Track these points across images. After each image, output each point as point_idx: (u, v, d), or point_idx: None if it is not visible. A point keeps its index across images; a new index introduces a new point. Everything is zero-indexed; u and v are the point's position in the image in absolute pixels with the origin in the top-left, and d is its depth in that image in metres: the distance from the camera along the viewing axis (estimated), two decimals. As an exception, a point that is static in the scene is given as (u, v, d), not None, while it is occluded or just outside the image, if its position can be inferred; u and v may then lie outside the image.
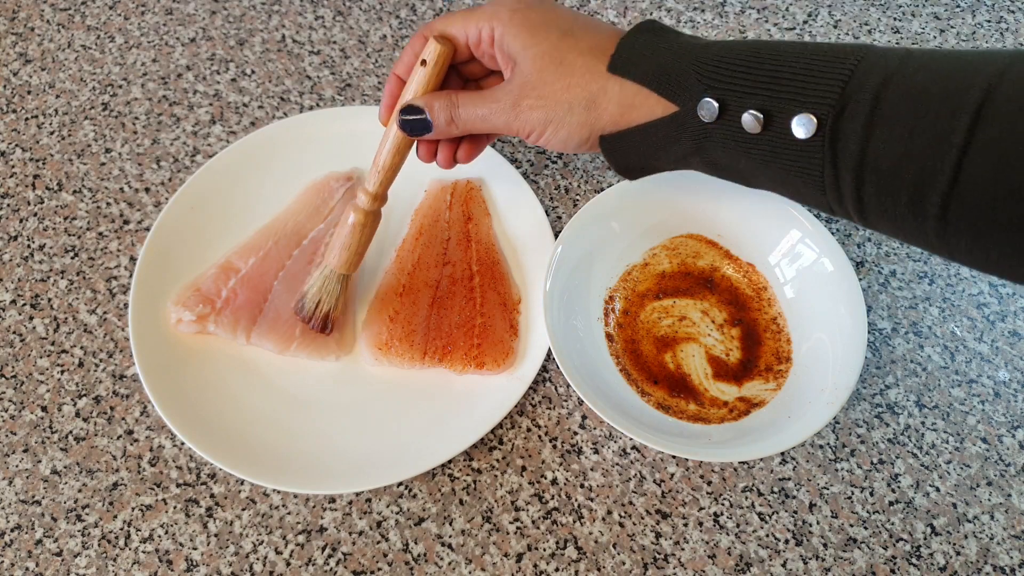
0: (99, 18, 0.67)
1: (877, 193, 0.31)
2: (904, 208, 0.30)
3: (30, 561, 0.45)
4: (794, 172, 0.34)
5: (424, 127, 0.43)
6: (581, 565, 0.45)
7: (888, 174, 0.30)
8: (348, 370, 0.51)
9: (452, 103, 0.42)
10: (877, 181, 0.31)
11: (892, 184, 0.30)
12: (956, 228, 0.29)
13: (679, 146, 0.38)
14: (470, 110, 0.42)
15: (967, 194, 0.28)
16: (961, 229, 0.29)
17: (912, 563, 0.46)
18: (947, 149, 0.28)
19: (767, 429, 0.46)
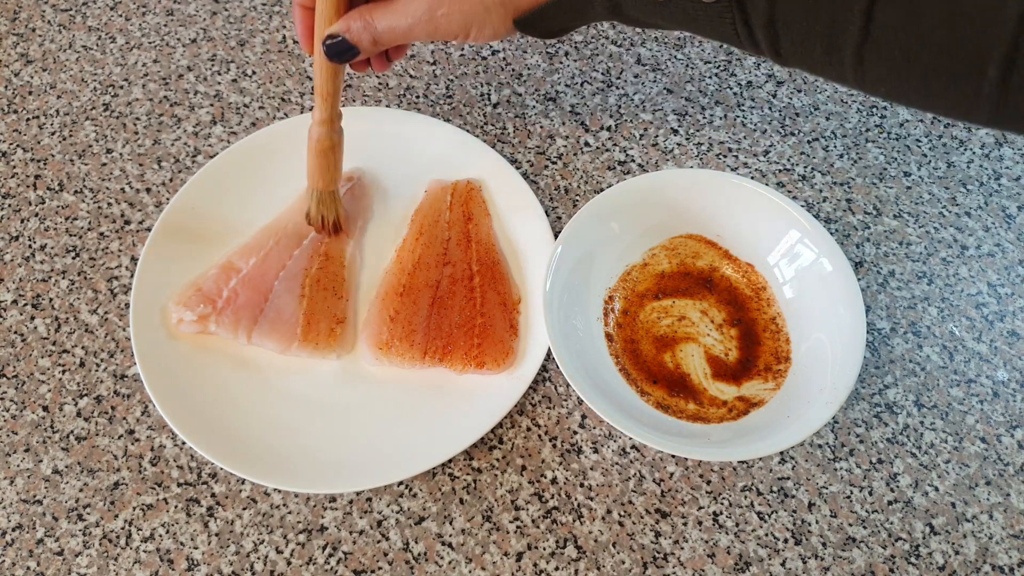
0: (100, 19, 0.67)
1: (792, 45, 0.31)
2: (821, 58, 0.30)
3: (31, 560, 0.46)
4: (710, 30, 0.34)
5: (350, 51, 0.43)
6: (581, 564, 0.46)
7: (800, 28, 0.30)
8: (348, 370, 0.51)
9: (368, 23, 0.42)
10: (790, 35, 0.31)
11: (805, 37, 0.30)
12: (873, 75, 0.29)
13: (594, 11, 0.38)
14: (389, 25, 0.41)
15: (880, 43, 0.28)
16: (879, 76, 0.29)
17: (911, 562, 0.46)
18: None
19: (766, 429, 0.46)
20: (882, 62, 0.29)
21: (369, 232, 0.57)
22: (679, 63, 0.65)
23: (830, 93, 0.63)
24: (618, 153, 0.60)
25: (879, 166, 0.60)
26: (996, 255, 0.56)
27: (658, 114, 0.62)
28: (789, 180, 0.59)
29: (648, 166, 0.60)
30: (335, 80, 0.47)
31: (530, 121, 0.62)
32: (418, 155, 0.59)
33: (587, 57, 0.65)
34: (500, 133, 0.61)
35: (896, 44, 0.28)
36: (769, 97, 0.63)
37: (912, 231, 0.57)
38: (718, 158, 0.60)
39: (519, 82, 0.64)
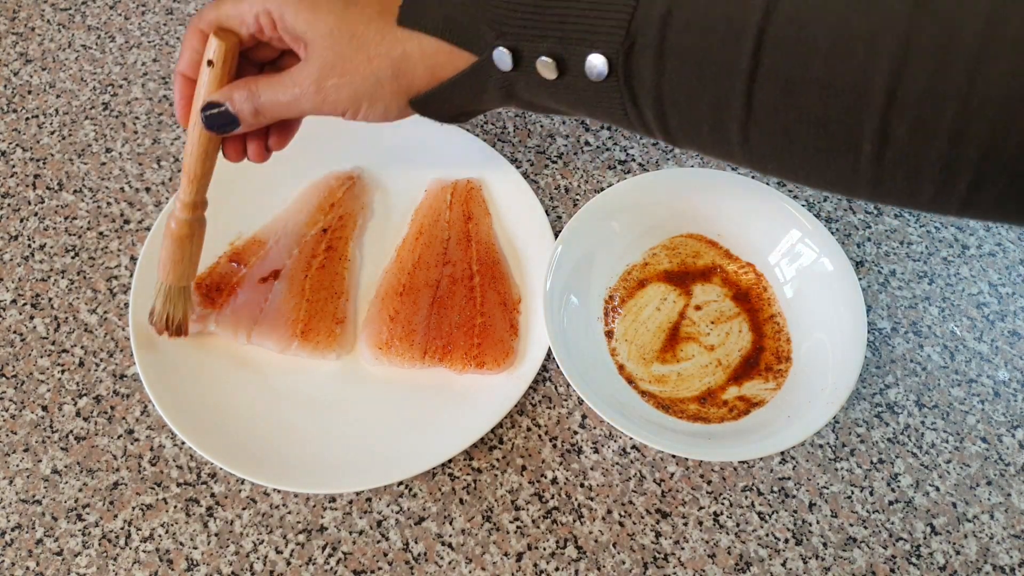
0: (100, 18, 0.67)
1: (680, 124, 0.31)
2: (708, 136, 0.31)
3: (31, 560, 0.45)
4: (600, 110, 0.34)
5: (230, 121, 0.41)
6: (581, 564, 0.45)
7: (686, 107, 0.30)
8: (348, 370, 0.51)
9: (253, 93, 0.40)
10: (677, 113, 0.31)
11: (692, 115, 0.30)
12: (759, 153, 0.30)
13: (488, 94, 0.37)
14: (273, 97, 0.40)
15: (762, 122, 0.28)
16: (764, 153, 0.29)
17: (912, 562, 0.46)
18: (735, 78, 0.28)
19: (767, 428, 0.46)
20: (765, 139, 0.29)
21: (369, 232, 0.57)
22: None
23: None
24: (618, 152, 0.60)
25: (880, 165, 0.60)
26: (997, 255, 0.56)
27: (658, 113, 0.62)
28: (790, 179, 0.59)
29: (648, 165, 0.60)
30: (207, 161, 0.43)
31: (530, 120, 0.61)
32: (418, 154, 0.58)
33: None
34: (500, 132, 0.61)
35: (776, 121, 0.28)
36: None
37: (913, 230, 0.57)
38: (719, 157, 0.60)
39: (519, 81, 0.63)
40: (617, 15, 0.31)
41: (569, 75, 0.33)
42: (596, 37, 0.31)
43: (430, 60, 0.37)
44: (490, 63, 0.35)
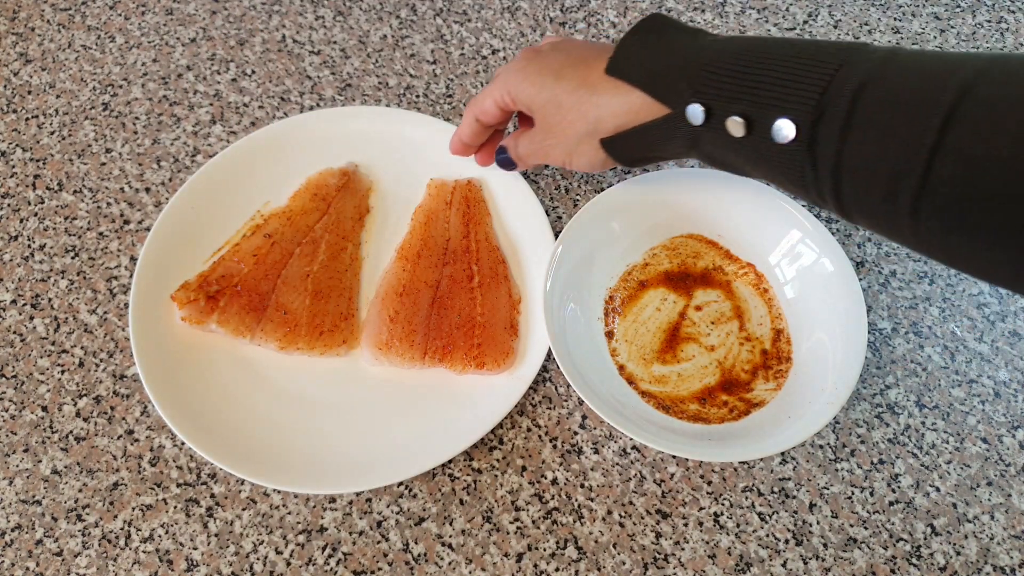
0: (99, 18, 0.67)
1: (854, 192, 0.32)
2: (879, 205, 0.32)
3: (30, 561, 0.45)
4: (779, 171, 0.36)
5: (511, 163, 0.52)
6: (581, 565, 0.45)
7: (863, 174, 0.31)
8: (348, 370, 0.51)
9: (513, 147, 0.51)
10: (853, 181, 0.32)
11: (867, 183, 0.31)
12: (928, 226, 0.30)
13: (674, 143, 0.40)
14: (525, 150, 0.50)
15: (937, 195, 0.29)
16: (932, 228, 0.30)
17: (912, 563, 0.46)
18: (918, 150, 0.29)
19: (767, 429, 0.46)
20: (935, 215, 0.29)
21: (369, 231, 0.57)
22: (680, 62, 0.64)
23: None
24: (618, 153, 0.60)
25: (880, 166, 0.60)
26: (998, 255, 0.56)
27: (659, 113, 0.62)
28: (790, 180, 0.59)
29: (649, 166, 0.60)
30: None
31: (530, 120, 0.61)
32: (418, 155, 0.58)
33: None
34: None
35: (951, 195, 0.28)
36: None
37: (913, 231, 0.57)
38: (719, 158, 0.60)
39: (519, 81, 0.63)
40: (812, 85, 0.33)
41: (755, 135, 0.35)
42: (787, 104, 0.33)
43: (623, 110, 0.41)
44: (682, 116, 0.38)
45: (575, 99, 0.43)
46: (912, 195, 0.30)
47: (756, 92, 0.35)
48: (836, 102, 0.32)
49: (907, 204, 0.30)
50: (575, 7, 0.67)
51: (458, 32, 0.66)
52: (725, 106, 0.36)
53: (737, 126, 0.36)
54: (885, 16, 0.67)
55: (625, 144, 0.43)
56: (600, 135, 0.43)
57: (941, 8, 0.67)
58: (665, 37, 0.40)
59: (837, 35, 0.66)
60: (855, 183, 0.32)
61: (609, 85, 0.41)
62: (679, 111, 0.38)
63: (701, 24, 0.66)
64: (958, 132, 0.28)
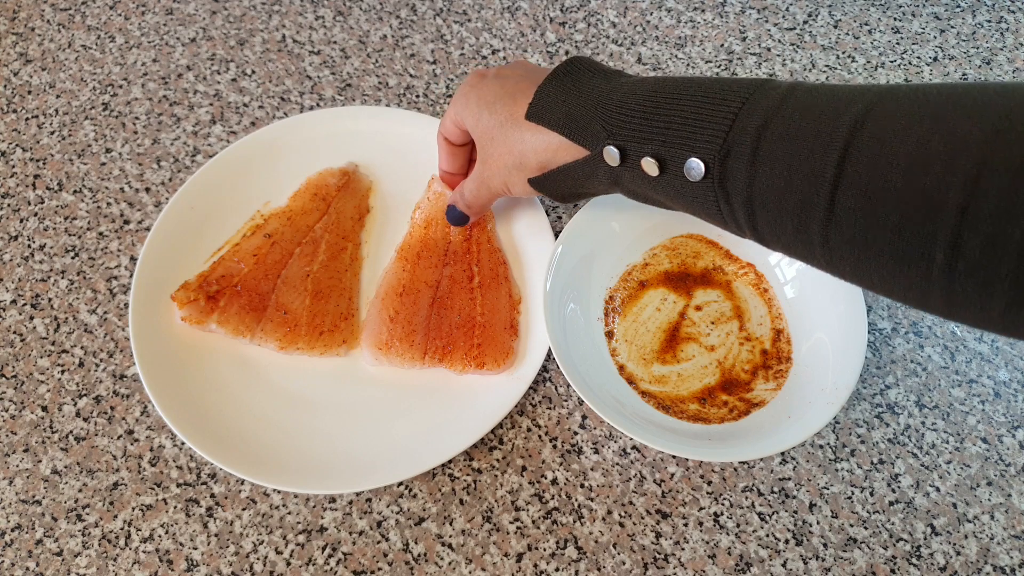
0: (99, 18, 0.67)
1: (768, 223, 0.34)
2: (792, 236, 0.33)
3: (30, 561, 0.45)
4: (697, 206, 0.37)
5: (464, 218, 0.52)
6: (581, 565, 0.45)
7: (774, 207, 0.33)
8: (348, 370, 0.51)
9: (460, 193, 0.51)
10: (765, 214, 0.33)
11: (778, 216, 0.33)
12: (839, 254, 0.32)
13: (597, 181, 0.42)
14: (470, 193, 0.50)
15: (843, 225, 0.30)
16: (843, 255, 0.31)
17: (912, 563, 0.46)
18: (821, 183, 0.30)
19: (767, 429, 0.46)
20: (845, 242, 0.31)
21: (369, 231, 0.57)
22: (680, 62, 0.64)
23: (831, 92, 0.63)
24: (618, 153, 0.60)
25: (880, 166, 0.60)
26: (997, 255, 0.56)
27: (659, 113, 0.62)
28: (790, 180, 0.59)
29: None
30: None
31: (530, 120, 0.61)
32: (418, 155, 0.58)
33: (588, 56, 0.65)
34: (500, 132, 0.61)
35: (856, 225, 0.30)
36: (770, 96, 0.63)
37: (913, 231, 0.57)
38: (719, 158, 0.60)
39: (519, 81, 0.63)
40: (717, 126, 0.34)
41: (669, 174, 0.37)
42: (696, 143, 0.35)
43: (546, 150, 0.43)
44: (600, 157, 0.40)
45: (502, 133, 0.44)
46: (820, 225, 0.31)
47: (666, 133, 0.36)
48: (741, 139, 0.33)
49: (817, 234, 0.32)
50: (575, 7, 0.67)
51: (458, 32, 0.66)
52: (638, 147, 0.38)
53: (651, 166, 0.37)
54: (885, 16, 0.67)
55: (550, 182, 0.44)
56: (526, 172, 0.45)
57: (941, 8, 0.67)
58: (581, 81, 0.42)
59: (837, 35, 0.66)
60: (767, 215, 0.33)
61: (531, 125, 0.43)
62: (596, 152, 0.40)
63: (701, 24, 0.66)
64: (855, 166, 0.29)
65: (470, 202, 0.50)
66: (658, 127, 0.37)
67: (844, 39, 0.66)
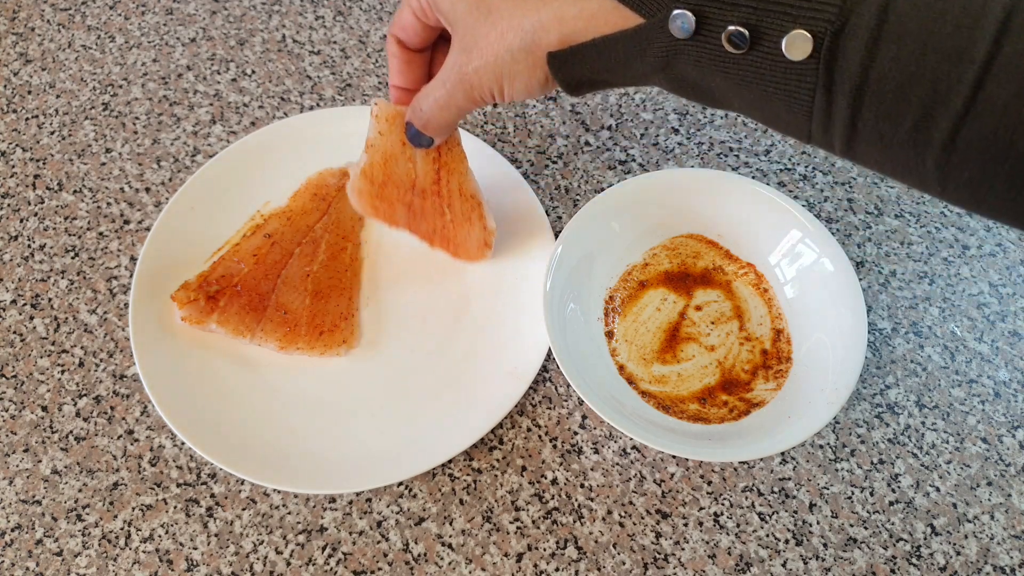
0: (99, 18, 0.67)
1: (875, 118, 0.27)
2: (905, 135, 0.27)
3: (30, 561, 0.45)
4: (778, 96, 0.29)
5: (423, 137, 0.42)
6: (581, 565, 0.45)
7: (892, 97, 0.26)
8: (348, 370, 0.51)
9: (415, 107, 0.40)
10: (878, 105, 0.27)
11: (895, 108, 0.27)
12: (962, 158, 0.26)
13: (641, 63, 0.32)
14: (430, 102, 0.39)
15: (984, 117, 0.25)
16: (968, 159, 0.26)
17: (912, 563, 0.46)
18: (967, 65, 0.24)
19: (767, 429, 0.46)
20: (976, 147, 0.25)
21: (369, 231, 0.57)
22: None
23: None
24: (619, 152, 0.60)
25: (880, 166, 0.60)
26: (997, 255, 0.56)
27: (659, 113, 0.62)
28: (790, 180, 0.59)
29: (649, 165, 0.60)
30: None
31: (530, 120, 0.61)
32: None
33: None
34: (500, 132, 0.61)
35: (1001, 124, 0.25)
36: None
37: (913, 231, 0.57)
38: (719, 157, 0.60)
39: (519, 81, 0.63)
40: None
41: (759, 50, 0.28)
42: (802, 9, 0.27)
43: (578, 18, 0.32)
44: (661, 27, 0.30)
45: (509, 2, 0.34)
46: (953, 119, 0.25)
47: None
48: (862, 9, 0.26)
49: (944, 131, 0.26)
50: None
51: (458, 32, 0.66)
52: (722, 12, 0.29)
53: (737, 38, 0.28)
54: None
55: (576, 62, 0.34)
56: (543, 48, 0.33)
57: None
58: None
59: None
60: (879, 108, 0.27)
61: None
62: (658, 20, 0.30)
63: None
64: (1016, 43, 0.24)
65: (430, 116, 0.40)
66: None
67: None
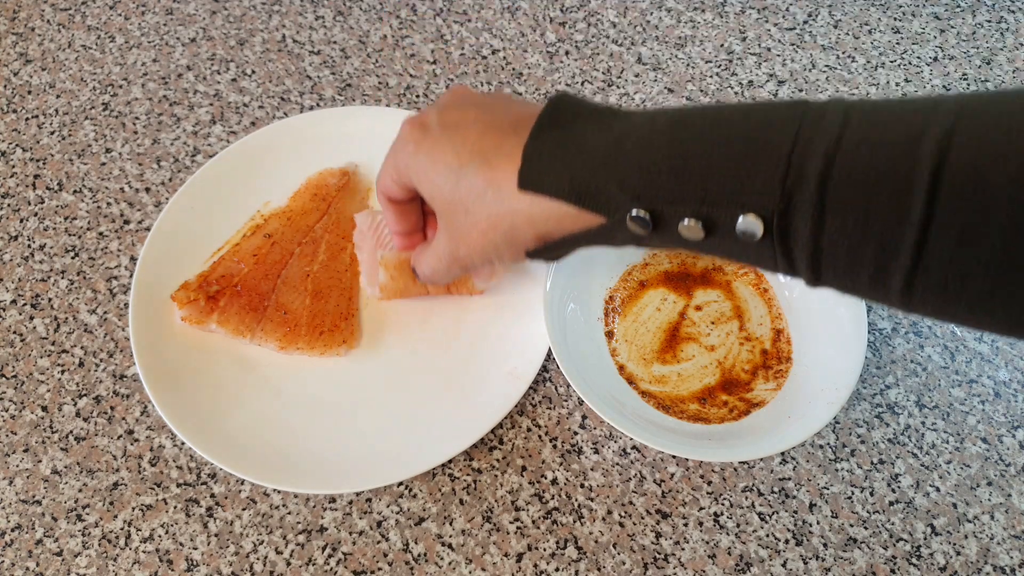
0: (99, 18, 0.67)
1: (835, 275, 0.30)
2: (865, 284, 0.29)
3: (30, 561, 0.45)
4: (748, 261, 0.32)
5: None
6: (581, 565, 0.45)
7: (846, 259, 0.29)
8: (348, 370, 0.51)
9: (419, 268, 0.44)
10: (834, 266, 0.29)
11: (851, 267, 0.29)
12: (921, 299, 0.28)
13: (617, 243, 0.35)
14: (430, 269, 0.43)
15: (932, 270, 0.27)
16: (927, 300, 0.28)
17: (912, 563, 0.46)
18: (906, 228, 0.27)
19: (767, 429, 0.46)
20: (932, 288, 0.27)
21: (369, 232, 0.57)
22: (680, 62, 0.64)
23: (831, 92, 0.63)
24: (618, 152, 0.60)
25: (880, 166, 0.60)
26: (998, 255, 0.56)
27: (659, 113, 0.62)
28: (790, 180, 0.59)
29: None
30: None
31: (530, 120, 0.61)
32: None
33: (588, 56, 0.65)
34: (500, 132, 0.61)
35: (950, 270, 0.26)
36: (770, 96, 0.63)
37: (913, 231, 0.57)
38: (719, 158, 0.60)
39: (519, 81, 0.63)
40: (769, 175, 0.29)
41: (716, 236, 0.31)
42: (746, 197, 0.29)
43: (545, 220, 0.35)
44: (622, 225, 0.33)
45: (480, 205, 0.36)
46: (904, 273, 0.27)
47: (705, 188, 0.30)
48: (801, 187, 0.28)
49: (899, 281, 0.28)
50: (575, 7, 0.67)
51: (458, 32, 0.66)
52: (674, 209, 0.31)
53: (694, 229, 0.31)
54: (885, 16, 0.67)
55: (552, 249, 0.37)
56: (522, 244, 0.37)
57: (941, 8, 0.67)
58: (575, 131, 0.34)
59: (837, 35, 0.66)
60: (836, 268, 0.29)
61: (523, 195, 0.35)
62: (618, 218, 0.33)
63: (701, 24, 0.66)
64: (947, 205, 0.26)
65: (432, 278, 0.44)
66: (694, 183, 0.30)
67: (844, 39, 0.66)
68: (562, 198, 0.34)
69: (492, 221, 0.36)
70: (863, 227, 0.27)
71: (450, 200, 0.37)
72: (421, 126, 0.39)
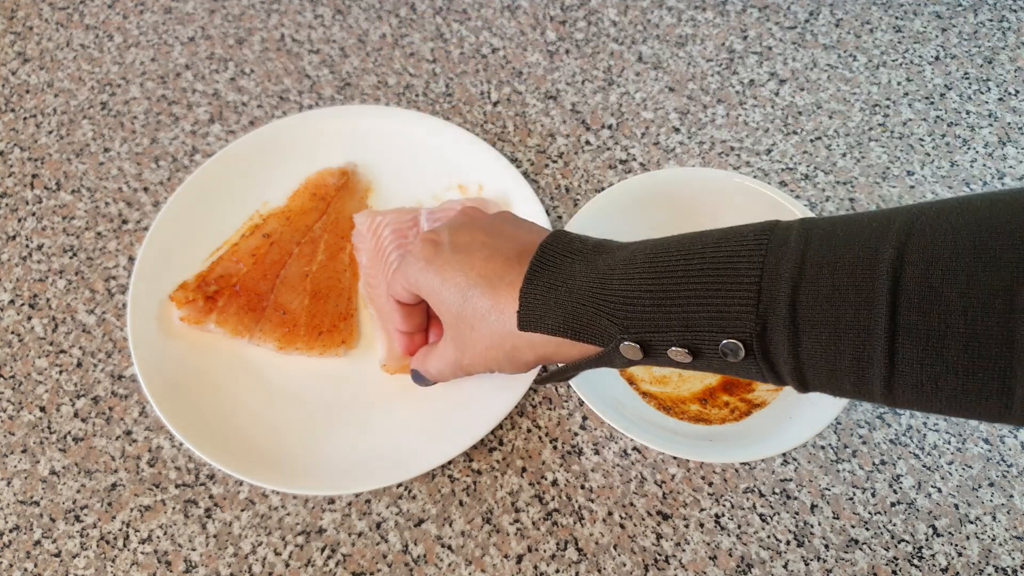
0: (97, 17, 0.67)
1: (822, 382, 0.32)
2: (850, 390, 0.31)
3: (28, 562, 0.45)
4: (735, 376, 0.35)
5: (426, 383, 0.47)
6: (582, 567, 0.45)
7: (826, 368, 0.31)
8: (348, 370, 0.51)
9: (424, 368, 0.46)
10: (816, 375, 0.32)
11: (832, 376, 0.31)
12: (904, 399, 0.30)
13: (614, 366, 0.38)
14: (437, 368, 0.45)
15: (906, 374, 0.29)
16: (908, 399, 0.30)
17: (914, 564, 0.45)
18: (874, 339, 0.29)
19: (768, 430, 0.46)
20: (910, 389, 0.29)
21: (368, 231, 0.56)
22: (681, 61, 0.64)
23: (833, 92, 0.63)
24: (619, 152, 0.60)
25: (882, 165, 0.59)
26: (999, 255, 0.56)
27: (660, 112, 0.62)
28: (792, 179, 0.59)
29: (649, 165, 0.59)
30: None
31: (530, 120, 0.61)
32: (417, 154, 0.58)
33: (588, 55, 0.64)
34: (500, 132, 0.61)
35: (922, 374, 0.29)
36: (771, 96, 0.62)
37: (915, 230, 0.57)
38: (720, 157, 0.60)
39: (519, 80, 0.63)
40: (742, 300, 0.31)
41: (703, 359, 0.34)
42: (725, 323, 0.32)
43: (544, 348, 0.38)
44: (616, 352, 0.36)
45: (485, 327, 0.39)
46: (882, 379, 0.29)
47: (686, 318, 0.33)
48: (774, 310, 0.31)
49: (879, 386, 0.30)
50: (575, 6, 0.67)
51: (458, 31, 0.66)
52: (661, 337, 0.34)
53: (681, 354, 0.34)
54: (887, 15, 0.67)
55: (556, 376, 0.41)
56: (524, 363, 0.40)
57: (943, 7, 0.67)
58: (564, 270, 0.37)
59: (839, 34, 0.66)
60: (819, 376, 0.32)
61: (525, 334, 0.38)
62: (611, 347, 0.36)
63: (702, 23, 0.66)
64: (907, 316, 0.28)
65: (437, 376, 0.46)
66: (675, 314, 0.33)
67: (845, 38, 0.66)
68: (558, 334, 0.37)
69: (495, 340, 0.39)
70: (836, 341, 0.30)
71: (457, 316, 0.40)
72: (434, 244, 0.42)
